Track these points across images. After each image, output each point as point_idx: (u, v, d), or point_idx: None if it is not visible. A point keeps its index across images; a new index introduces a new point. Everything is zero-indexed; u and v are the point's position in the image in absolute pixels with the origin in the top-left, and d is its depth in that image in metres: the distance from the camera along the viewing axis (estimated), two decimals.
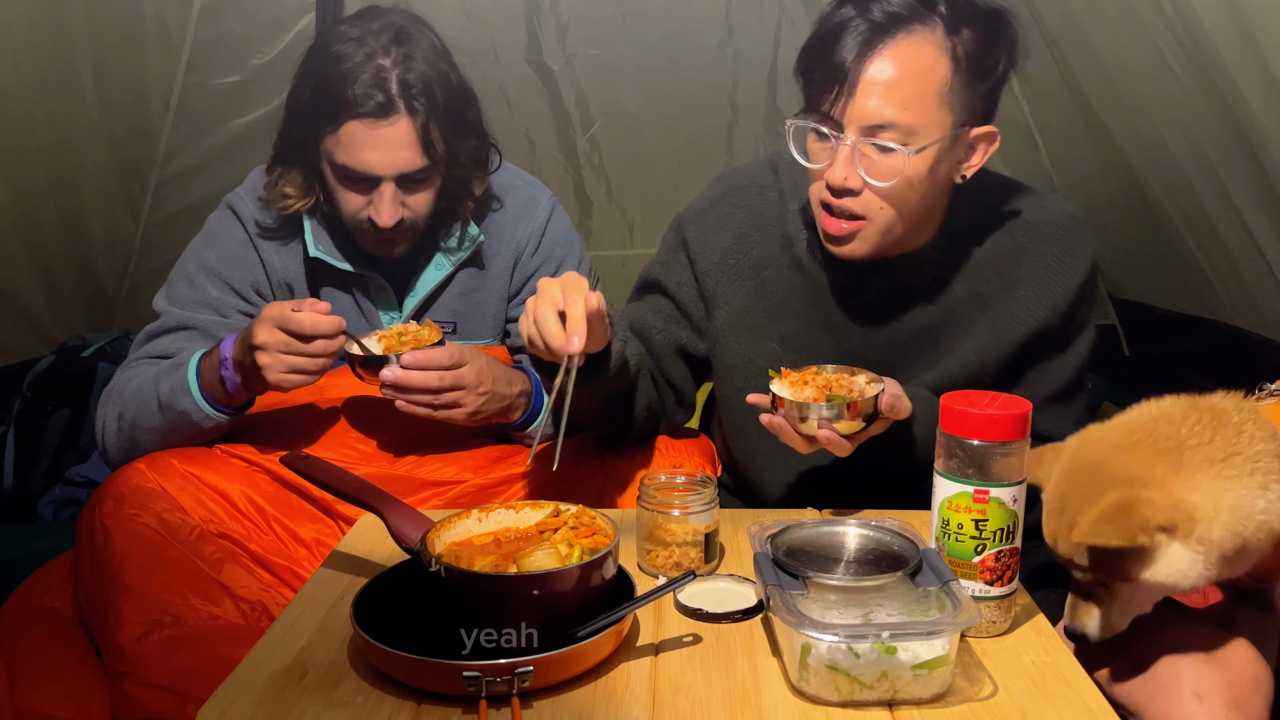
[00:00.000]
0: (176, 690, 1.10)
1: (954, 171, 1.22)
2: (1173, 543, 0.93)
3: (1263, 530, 0.93)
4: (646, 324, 1.40)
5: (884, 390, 1.13)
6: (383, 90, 1.35)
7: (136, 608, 1.16)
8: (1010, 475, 0.93)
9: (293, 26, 2.31)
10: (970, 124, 1.19)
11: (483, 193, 1.52)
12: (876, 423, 1.14)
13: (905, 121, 1.14)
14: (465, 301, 1.56)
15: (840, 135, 1.16)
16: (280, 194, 1.46)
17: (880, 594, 0.90)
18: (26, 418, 2.11)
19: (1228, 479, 0.93)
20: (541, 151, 2.60)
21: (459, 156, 1.45)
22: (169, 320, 1.46)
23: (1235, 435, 0.95)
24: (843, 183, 1.17)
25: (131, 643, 1.14)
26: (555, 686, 0.86)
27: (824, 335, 1.33)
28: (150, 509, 1.23)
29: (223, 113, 2.38)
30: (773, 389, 1.14)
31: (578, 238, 1.63)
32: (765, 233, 1.35)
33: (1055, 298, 1.29)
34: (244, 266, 1.48)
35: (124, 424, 1.38)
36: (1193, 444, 0.95)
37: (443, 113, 1.39)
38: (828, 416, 1.10)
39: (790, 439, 1.14)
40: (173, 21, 2.21)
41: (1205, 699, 1.00)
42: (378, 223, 1.39)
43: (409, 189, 1.41)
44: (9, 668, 1.19)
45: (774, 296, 1.34)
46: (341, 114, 1.35)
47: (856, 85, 1.14)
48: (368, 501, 1.04)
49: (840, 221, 1.21)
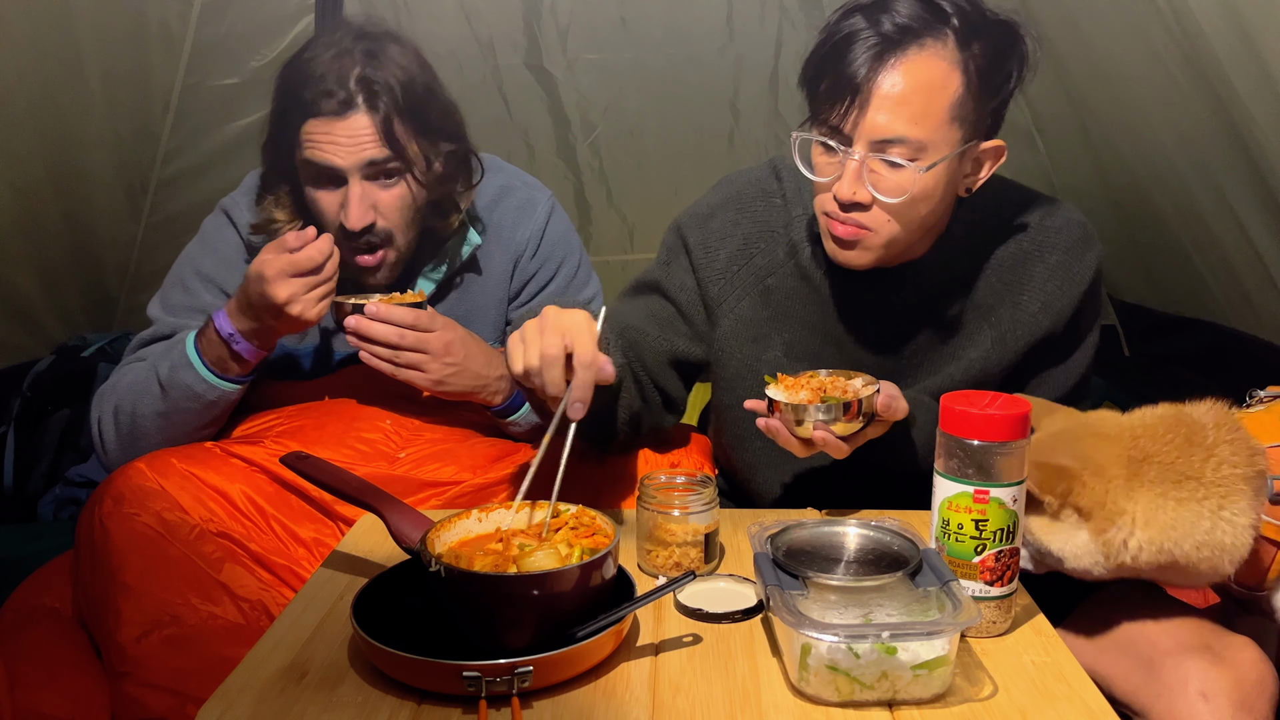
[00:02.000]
0: (176, 690, 1.10)
1: (959, 185, 1.21)
2: (1082, 527, 1.01)
3: (1206, 548, 0.99)
4: (642, 331, 1.36)
5: (879, 391, 1.13)
6: (342, 87, 1.35)
7: (136, 607, 1.16)
8: (1010, 475, 0.93)
9: (292, 28, 2.31)
10: (978, 139, 1.18)
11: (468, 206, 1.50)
12: (874, 424, 1.14)
13: (916, 137, 1.12)
14: (463, 305, 1.55)
15: (849, 150, 1.14)
16: (269, 218, 1.46)
17: (880, 594, 0.90)
18: (26, 418, 2.10)
19: (1171, 499, 0.99)
20: (541, 156, 2.60)
21: (434, 162, 1.43)
22: (162, 327, 1.46)
23: (1203, 459, 1.00)
24: (851, 198, 1.15)
25: (131, 643, 1.14)
26: (555, 686, 0.86)
27: (828, 344, 1.32)
28: (150, 508, 1.23)
29: (222, 114, 2.38)
30: (768, 393, 1.14)
31: (578, 238, 1.63)
32: (770, 240, 1.34)
33: (1060, 305, 1.28)
34: (239, 271, 1.48)
35: (121, 416, 1.39)
36: (1157, 459, 1.00)
37: (406, 110, 1.38)
38: (824, 419, 1.11)
39: (787, 442, 1.14)
40: (174, 22, 2.21)
41: (1211, 699, 1.00)
42: (346, 224, 1.37)
43: (379, 185, 1.39)
44: (9, 668, 1.19)
45: (778, 305, 1.33)
46: (303, 115, 1.36)
47: (868, 100, 1.12)
48: (368, 501, 1.04)
49: (847, 225, 1.19)
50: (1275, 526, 1.01)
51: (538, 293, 1.57)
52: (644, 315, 1.38)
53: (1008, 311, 1.29)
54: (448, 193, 1.47)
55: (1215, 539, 0.99)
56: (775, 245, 1.33)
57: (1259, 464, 1.01)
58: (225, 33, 2.28)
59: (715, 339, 1.37)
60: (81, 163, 2.17)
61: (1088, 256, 1.29)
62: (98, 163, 2.22)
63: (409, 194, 1.41)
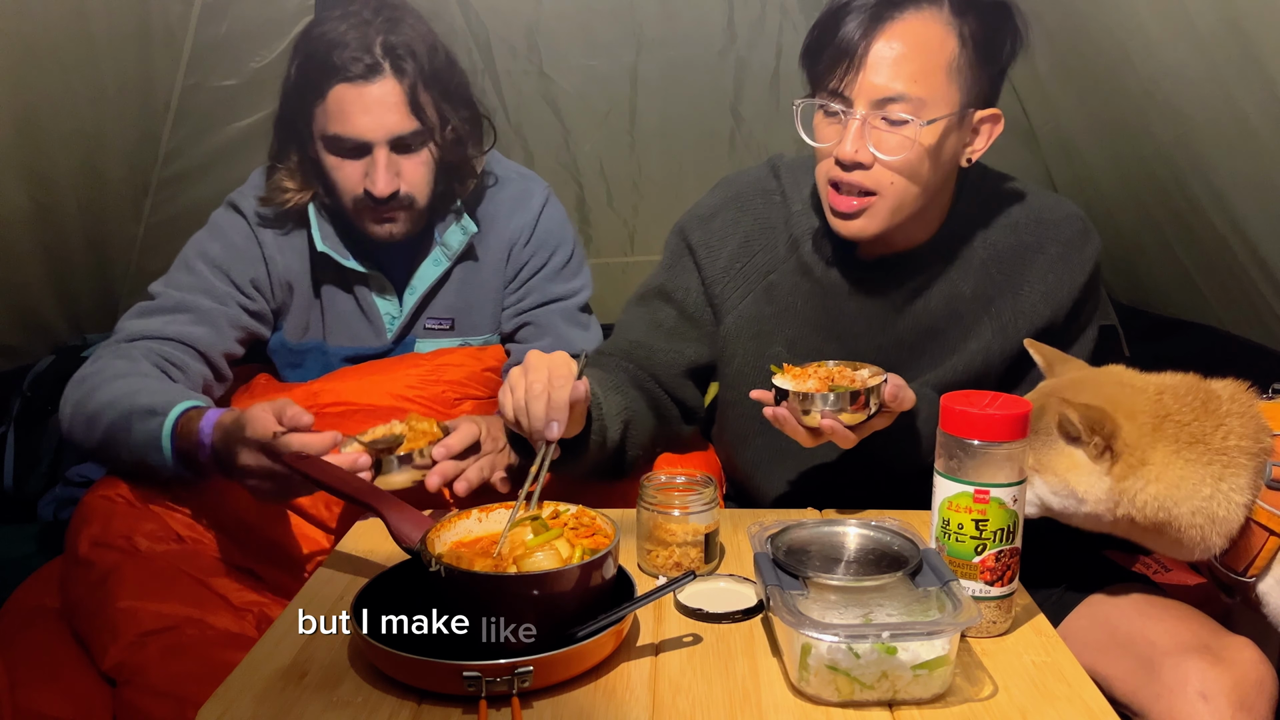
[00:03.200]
0: (176, 694, 1.10)
1: (960, 154, 1.23)
2: (1098, 467, 1.01)
3: (1200, 515, 1.01)
4: (650, 347, 1.37)
5: (886, 381, 1.13)
6: (368, 52, 1.36)
7: (133, 623, 1.16)
8: (1010, 475, 0.93)
9: (292, 30, 2.30)
10: (975, 106, 1.20)
11: (480, 173, 1.52)
12: (880, 415, 1.14)
13: (915, 94, 1.15)
14: (462, 297, 1.56)
15: (850, 110, 1.17)
16: (279, 188, 1.47)
17: (880, 594, 0.90)
18: (26, 418, 2.10)
19: (1183, 460, 1.01)
20: (541, 160, 2.60)
21: (451, 127, 1.45)
22: (166, 301, 1.45)
23: (1214, 426, 1.02)
24: (853, 156, 1.17)
25: (130, 653, 1.13)
26: (555, 686, 0.86)
27: (830, 339, 1.33)
28: (140, 528, 1.23)
29: (222, 116, 2.37)
30: (775, 383, 1.15)
31: (572, 228, 1.64)
32: (771, 236, 1.35)
33: (1060, 296, 1.29)
34: (246, 261, 1.49)
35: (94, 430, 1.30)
36: (1175, 418, 1.02)
37: (430, 76, 1.40)
38: (831, 408, 1.11)
39: (794, 431, 1.14)
40: (174, 23, 2.21)
41: (1211, 699, 1.00)
42: (374, 192, 1.39)
43: (403, 154, 1.41)
44: (9, 668, 1.18)
45: (781, 300, 1.34)
46: (329, 81, 1.36)
47: (866, 59, 1.15)
48: (368, 501, 1.04)
49: (850, 198, 1.21)
50: (1270, 514, 1.01)
51: (530, 278, 1.58)
52: (650, 329, 1.39)
53: (1008, 303, 1.29)
54: (464, 156, 1.49)
55: (1210, 509, 1.01)
56: (776, 241, 1.35)
57: (1264, 442, 1.03)
58: (225, 34, 2.28)
59: (720, 337, 1.38)
60: (100, 167, 2.18)
61: (1087, 249, 1.30)
62: (112, 165, 2.23)
63: (431, 159, 1.44)
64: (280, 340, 1.57)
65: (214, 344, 1.45)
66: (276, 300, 1.54)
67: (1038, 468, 1.03)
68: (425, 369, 1.52)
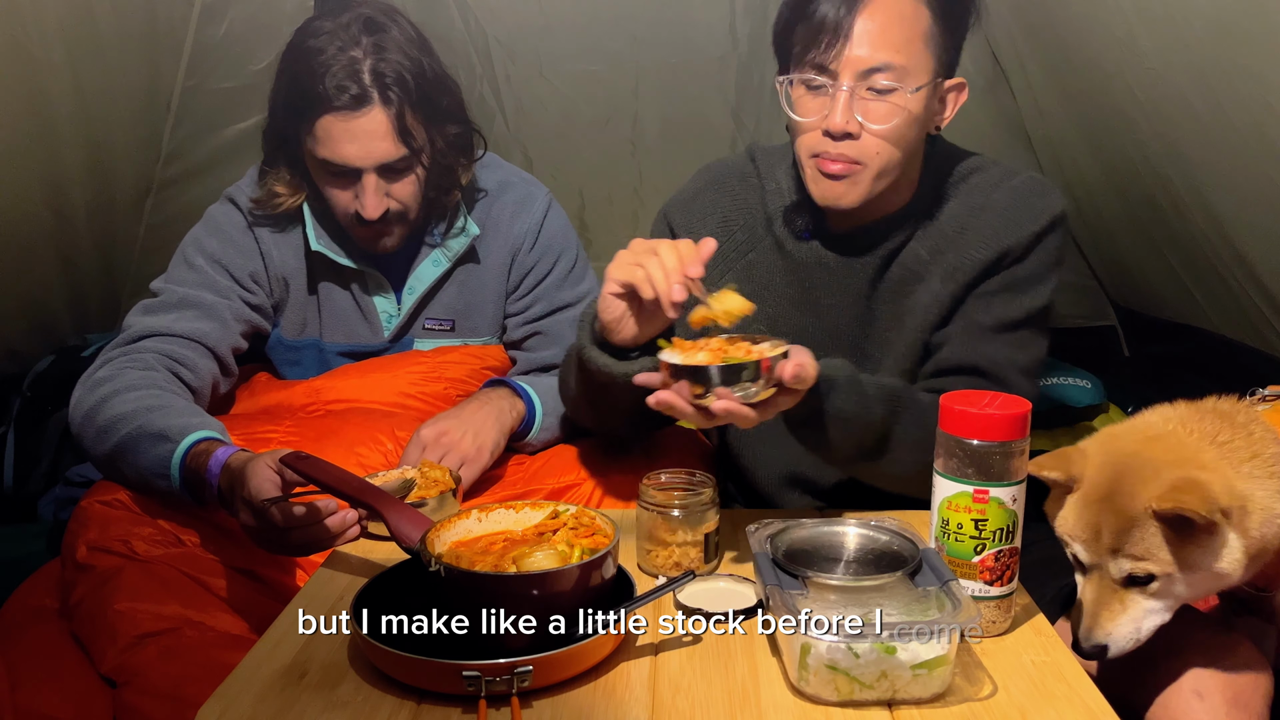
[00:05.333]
0: (176, 696, 1.09)
1: (929, 122, 1.24)
2: (1229, 528, 0.91)
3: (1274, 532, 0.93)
4: None
5: (787, 355, 1.02)
6: (355, 82, 1.36)
7: (131, 625, 1.16)
8: (1010, 475, 0.93)
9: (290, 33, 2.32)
10: (944, 75, 1.22)
11: (469, 182, 1.53)
12: (784, 393, 1.04)
13: (900, 63, 1.17)
14: (462, 298, 1.56)
15: (835, 82, 1.18)
16: (271, 193, 1.47)
17: (880, 594, 0.90)
18: (26, 418, 2.10)
19: (1254, 479, 0.93)
20: (541, 165, 2.60)
21: (439, 144, 1.46)
22: (170, 297, 1.45)
23: (1246, 437, 0.95)
24: (843, 126, 1.18)
25: (129, 655, 1.13)
26: (555, 686, 0.86)
27: (807, 314, 1.34)
28: (138, 532, 1.23)
29: (221, 117, 2.38)
30: (661, 358, 1.03)
31: (575, 234, 1.64)
32: (749, 217, 1.37)
33: (1004, 241, 1.25)
34: (244, 255, 1.49)
35: (103, 442, 1.29)
36: (1220, 441, 0.95)
37: (418, 100, 1.40)
38: (725, 383, 0.99)
39: (683, 413, 1.03)
40: (175, 24, 2.21)
41: (1206, 697, 1.00)
42: (363, 215, 1.40)
43: (391, 178, 1.42)
44: (9, 668, 1.18)
45: (760, 279, 1.35)
46: (317, 109, 1.36)
47: (850, 32, 1.17)
48: (368, 501, 1.04)
49: (838, 161, 1.20)
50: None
51: (535, 285, 1.58)
52: None
53: (955, 252, 1.28)
54: (450, 166, 1.49)
55: None
56: (754, 221, 1.37)
57: None
58: (223, 36, 2.28)
59: None
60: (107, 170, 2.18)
61: (1038, 202, 1.27)
62: (119, 167, 2.23)
63: (418, 179, 1.45)
64: (278, 337, 1.57)
65: (221, 339, 1.45)
66: (275, 295, 1.54)
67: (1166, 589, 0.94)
68: (427, 367, 1.52)
